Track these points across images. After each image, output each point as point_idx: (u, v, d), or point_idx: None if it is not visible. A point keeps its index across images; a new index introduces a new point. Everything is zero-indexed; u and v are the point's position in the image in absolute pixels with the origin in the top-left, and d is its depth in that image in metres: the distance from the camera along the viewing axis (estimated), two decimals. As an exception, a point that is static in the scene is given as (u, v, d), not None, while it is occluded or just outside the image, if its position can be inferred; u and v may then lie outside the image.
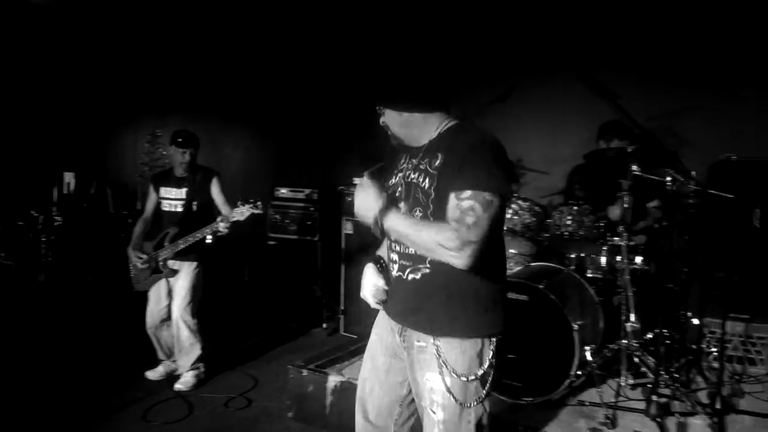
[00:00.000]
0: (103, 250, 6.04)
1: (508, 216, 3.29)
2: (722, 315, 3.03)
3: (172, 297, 3.69)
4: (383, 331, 1.96)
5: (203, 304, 3.79)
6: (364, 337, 3.91)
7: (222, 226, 3.36)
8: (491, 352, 1.77)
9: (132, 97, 6.78)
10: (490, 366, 1.77)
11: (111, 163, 7.34)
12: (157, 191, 3.77)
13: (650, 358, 3.00)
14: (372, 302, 1.92)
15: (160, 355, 3.81)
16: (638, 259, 3.22)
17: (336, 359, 3.44)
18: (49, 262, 5.72)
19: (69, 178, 7.01)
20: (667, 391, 2.84)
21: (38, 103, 6.56)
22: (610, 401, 2.79)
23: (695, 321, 3.42)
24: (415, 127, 1.81)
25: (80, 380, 3.70)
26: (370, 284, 1.91)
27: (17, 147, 6.84)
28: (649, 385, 2.83)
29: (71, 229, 6.30)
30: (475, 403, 1.75)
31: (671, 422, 2.66)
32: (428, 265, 1.74)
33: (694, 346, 3.40)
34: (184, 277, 3.64)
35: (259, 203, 3.31)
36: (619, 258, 3.21)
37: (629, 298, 2.98)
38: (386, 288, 1.88)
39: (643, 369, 3.05)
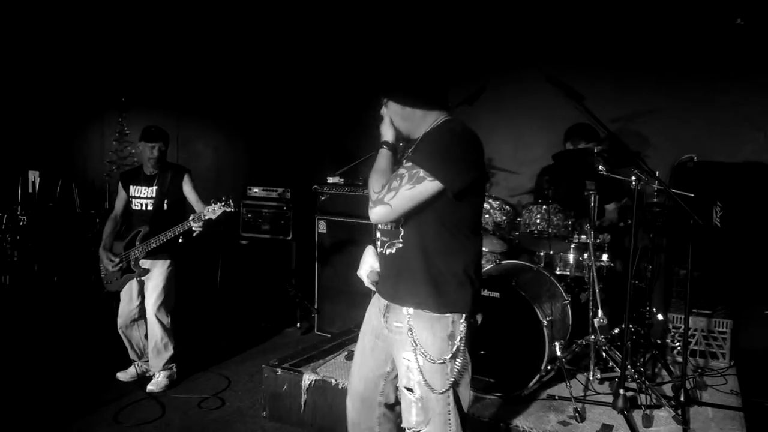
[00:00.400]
0: (71, 250, 5.91)
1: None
2: (685, 311, 3.14)
3: (144, 297, 3.64)
4: (373, 313, 2.09)
5: (175, 304, 3.75)
6: (338, 336, 3.96)
7: (195, 225, 3.33)
8: (461, 334, 1.84)
9: (99, 93, 6.64)
10: (460, 349, 1.84)
11: (77, 162, 7.17)
12: (126, 190, 3.72)
13: (617, 352, 3.10)
14: (366, 282, 2.09)
15: (132, 355, 3.75)
16: (604, 257, 3.32)
17: (310, 358, 3.45)
18: (15, 262, 5.58)
19: (33, 176, 6.83)
20: (633, 385, 2.93)
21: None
22: (578, 395, 2.87)
23: (659, 317, 3.54)
24: (413, 121, 1.94)
25: (49, 382, 3.62)
26: (367, 265, 2.09)
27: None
28: (616, 379, 2.92)
29: (37, 229, 6.14)
30: (449, 385, 1.84)
31: (637, 415, 2.75)
32: (401, 240, 1.89)
33: (658, 341, 3.52)
34: (156, 276, 3.60)
35: (231, 201, 3.30)
36: (586, 255, 3.31)
37: (596, 294, 3.07)
38: (379, 270, 2.03)
39: (611, 363, 3.15)
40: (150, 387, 3.54)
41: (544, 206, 3.22)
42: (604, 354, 3.15)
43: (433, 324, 1.84)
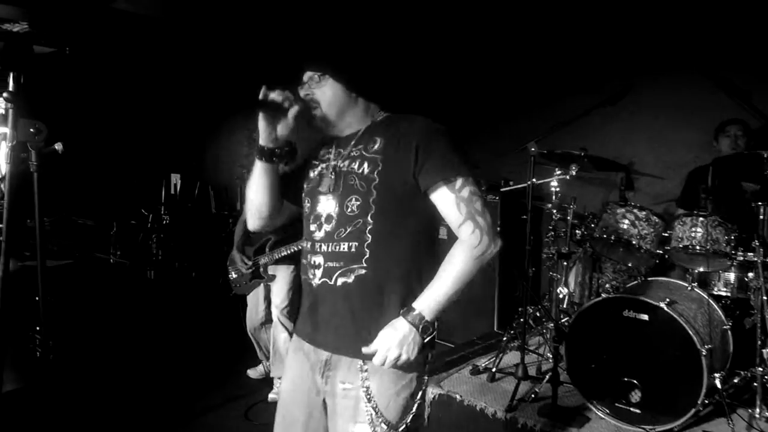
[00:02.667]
0: (207, 248, 6.32)
1: (623, 227, 3.05)
2: None
3: (269, 301, 3.73)
4: (302, 372, 1.61)
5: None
6: (460, 348, 3.82)
7: None
8: (422, 390, 1.52)
9: (231, 102, 7.03)
10: (423, 409, 1.53)
11: (211, 165, 7.67)
12: None
13: (791, 389, 2.67)
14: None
15: (260, 356, 3.88)
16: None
17: (434, 370, 3.35)
18: (159, 260, 6.05)
19: (175, 179, 7.42)
20: (813, 429, 2.51)
21: (145, 106, 6.92)
22: (743, 435, 2.50)
23: None
24: (351, 111, 1.57)
25: (183, 375, 3.84)
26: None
27: (128, 150, 7.31)
28: (790, 420, 2.52)
29: (178, 229, 6.64)
30: None
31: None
32: (364, 264, 1.46)
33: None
34: (281, 280, 3.66)
35: None
36: (751, 275, 2.89)
37: (766, 320, 2.66)
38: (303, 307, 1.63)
39: (782, 401, 2.71)
40: (272, 395, 3.57)
41: (701, 218, 2.85)
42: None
43: (398, 380, 1.46)
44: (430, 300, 1.43)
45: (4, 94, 1.34)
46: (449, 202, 1.44)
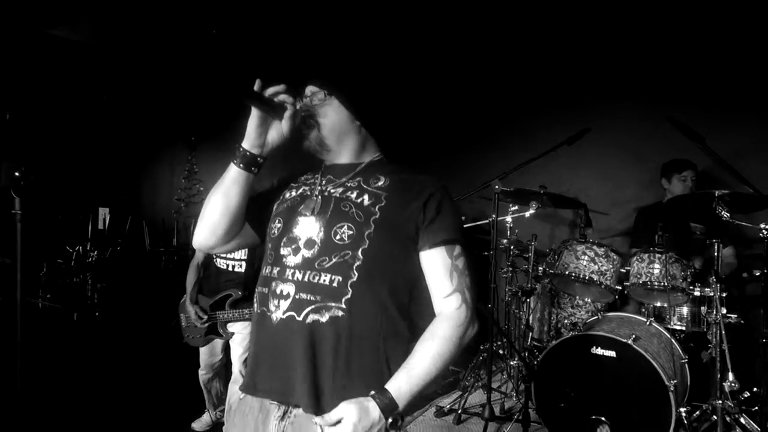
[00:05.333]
0: (142, 289, 5.91)
1: (583, 263, 3.10)
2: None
3: (228, 350, 3.47)
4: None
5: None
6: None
7: None
8: None
9: (168, 132, 6.74)
10: None
11: (146, 199, 7.26)
12: None
13: (750, 420, 2.77)
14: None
15: (208, 405, 3.60)
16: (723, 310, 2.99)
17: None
18: (94, 304, 5.57)
19: (104, 213, 6.95)
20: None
21: (71, 136, 6.47)
22: (710, 470, 2.54)
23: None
24: (349, 140, 1.42)
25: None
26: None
27: (52, 181, 6.80)
28: (752, 452, 2.59)
29: (107, 267, 6.17)
30: None
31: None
32: (343, 305, 1.25)
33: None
34: (242, 329, 3.40)
35: None
36: (704, 309, 3.01)
37: (725, 354, 2.75)
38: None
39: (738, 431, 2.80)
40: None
41: (658, 255, 2.95)
42: (729, 420, 2.81)
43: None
44: (404, 382, 1.22)
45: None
46: (443, 267, 1.30)
